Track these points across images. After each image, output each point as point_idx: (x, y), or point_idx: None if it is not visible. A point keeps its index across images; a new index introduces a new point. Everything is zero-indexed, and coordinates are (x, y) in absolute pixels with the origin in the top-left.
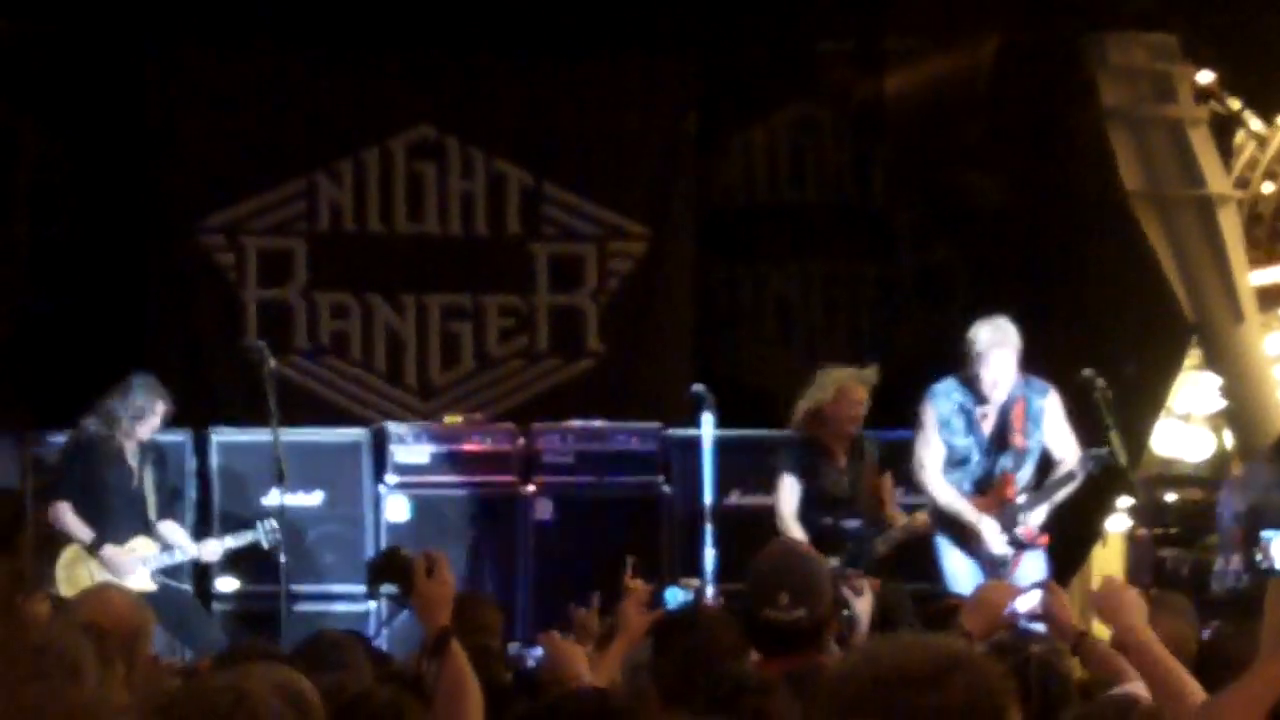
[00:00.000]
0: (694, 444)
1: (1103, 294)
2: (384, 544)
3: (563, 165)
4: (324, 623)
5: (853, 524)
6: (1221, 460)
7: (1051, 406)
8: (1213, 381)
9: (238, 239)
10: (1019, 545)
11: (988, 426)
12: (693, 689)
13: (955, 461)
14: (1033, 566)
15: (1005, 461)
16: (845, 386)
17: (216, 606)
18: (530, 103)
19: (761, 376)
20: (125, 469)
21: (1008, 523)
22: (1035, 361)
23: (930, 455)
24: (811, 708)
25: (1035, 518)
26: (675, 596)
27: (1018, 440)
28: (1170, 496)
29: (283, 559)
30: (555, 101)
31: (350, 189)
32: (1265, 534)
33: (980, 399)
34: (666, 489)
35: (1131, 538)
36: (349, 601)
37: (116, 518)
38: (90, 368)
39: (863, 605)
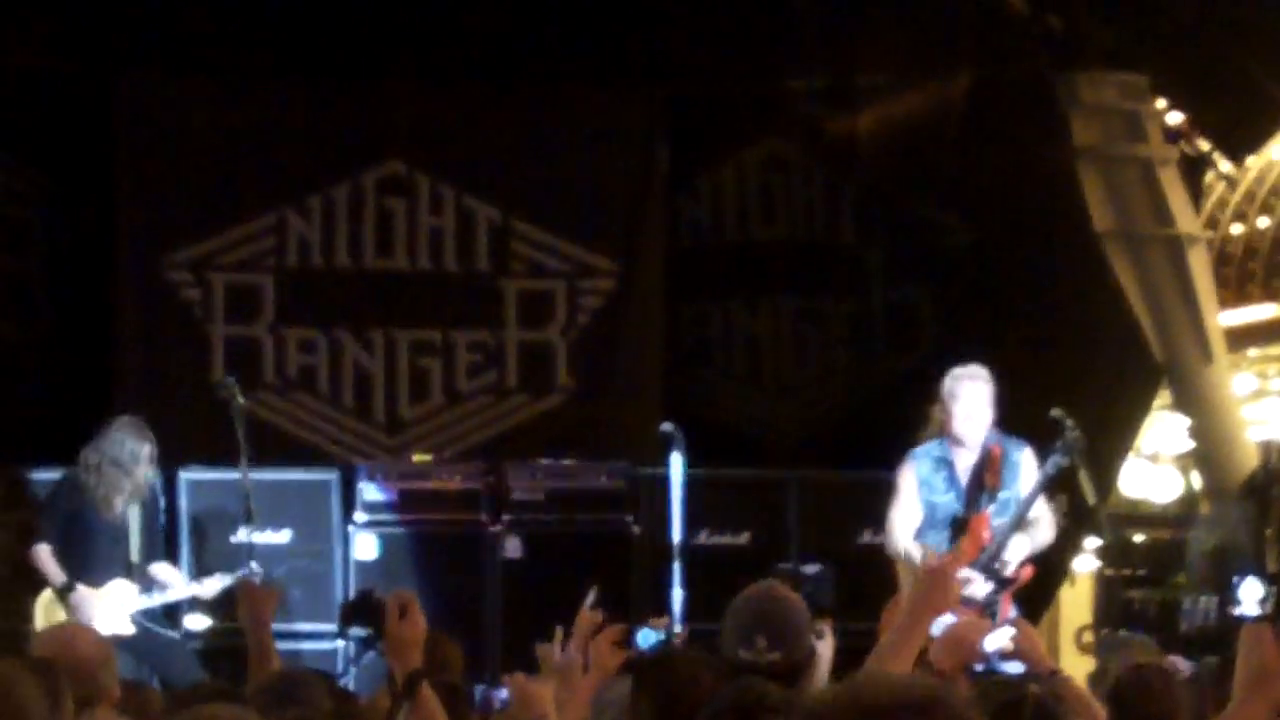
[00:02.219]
0: (663, 482)
1: (1072, 333)
2: (353, 582)
3: (532, 201)
4: (292, 661)
5: (811, 568)
6: (1189, 500)
7: (1027, 461)
8: (1180, 422)
9: (205, 274)
10: (1002, 584)
11: (966, 479)
12: None
13: (938, 522)
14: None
15: (982, 507)
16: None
17: (186, 645)
18: (500, 139)
19: (731, 414)
20: (107, 512)
21: (987, 564)
22: (1004, 401)
23: (901, 518)
24: None
25: (1014, 551)
26: (647, 638)
27: (990, 480)
28: (1138, 536)
29: None
30: (525, 138)
31: (319, 224)
32: (1237, 580)
33: (956, 442)
34: (636, 527)
35: (1099, 577)
36: (317, 640)
37: (96, 561)
38: (57, 402)
39: (824, 648)
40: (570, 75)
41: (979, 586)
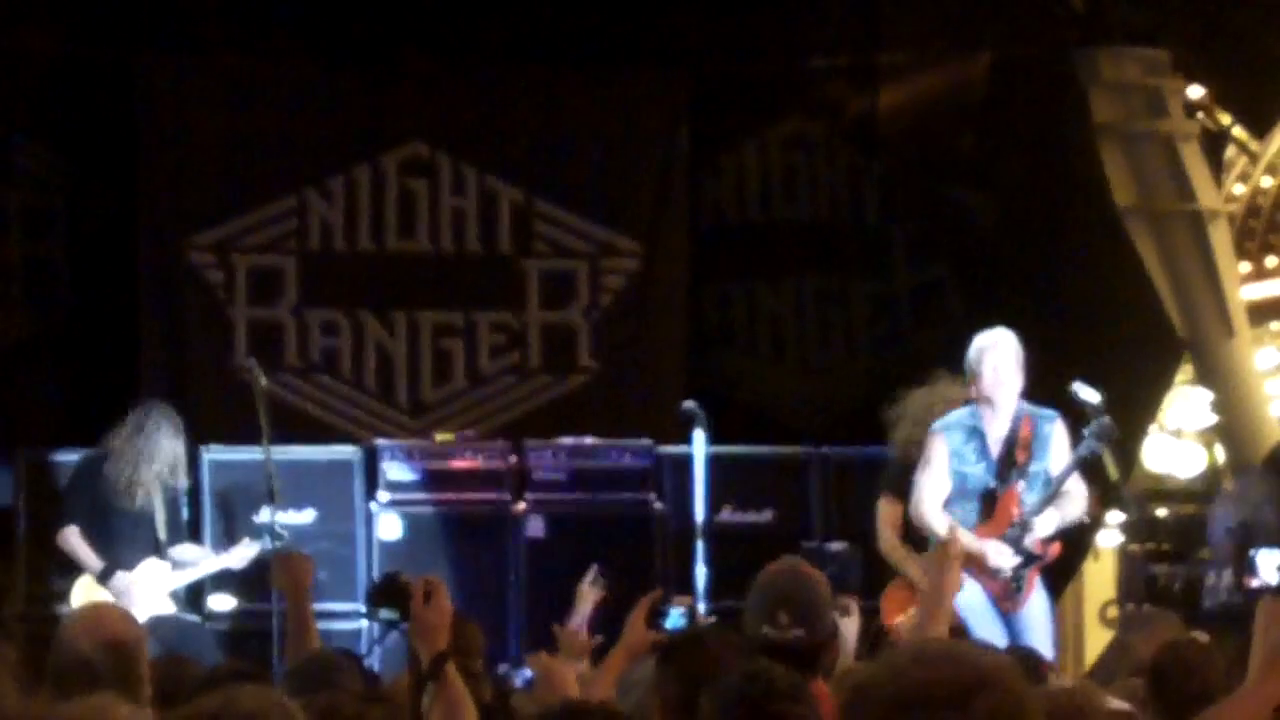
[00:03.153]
0: (686, 461)
1: (1095, 308)
2: (376, 562)
3: (555, 182)
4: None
5: (837, 546)
6: (1213, 475)
7: (1058, 434)
8: (1204, 396)
9: (228, 257)
10: (1029, 559)
11: (997, 450)
12: (695, 708)
13: (968, 492)
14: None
15: (1012, 482)
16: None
17: (211, 625)
18: (522, 119)
19: (754, 393)
20: (132, 495)
21: (1014, 539)
22: (1027, 375)
23: (931, 489)
24: None
25: (1043, 526)
26: (677, 621)
27: (1020, 456)
28: (1162, 512)
29: None
30: (548, 118)
31: (341, 206)
32: (1254, 552)
33: (988, 406)
34: (659, 506)
35: (1123, 553)
36: (341, 620)
37: (123, 542)
38: (81, 386)
39: (849, 626)
40: (592, 55)
41: (1006, 560)
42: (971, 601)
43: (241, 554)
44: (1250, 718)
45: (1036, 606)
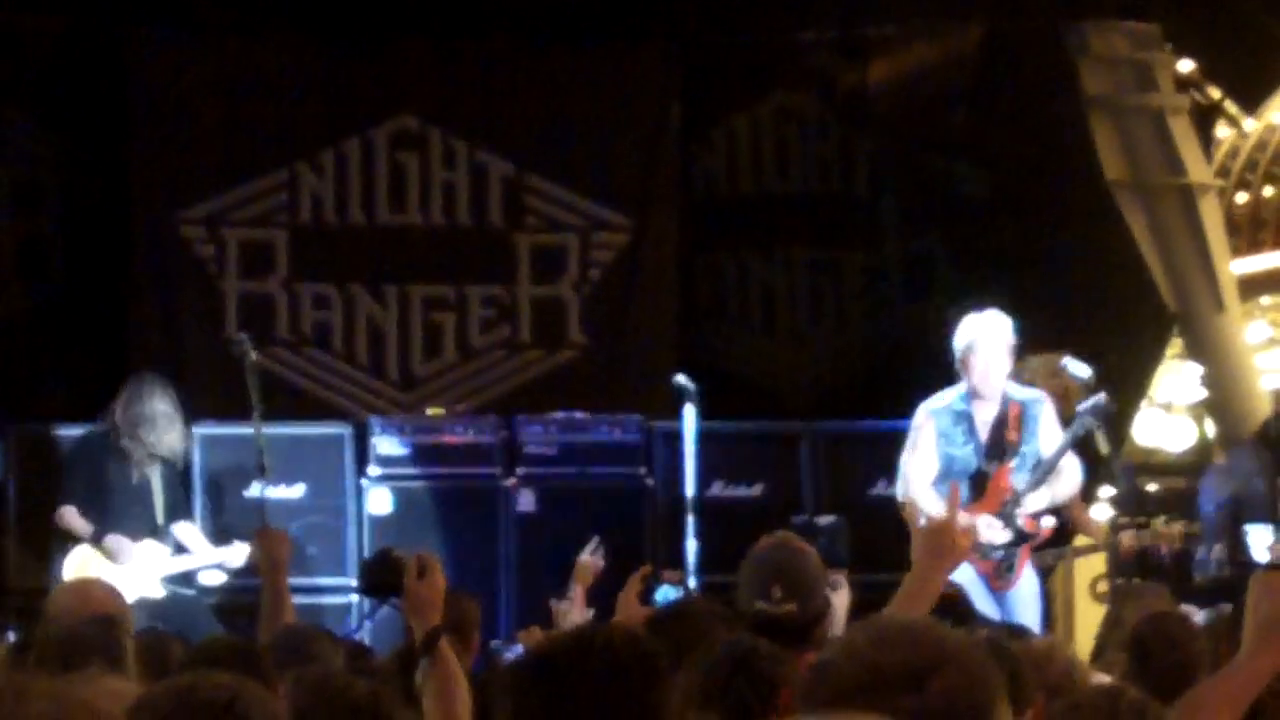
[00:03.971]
0: (677, 435)
1: (1085, 282)
2: (366, 537)
3: (545, 155)
4: (306, 616)
5: (826, 520)
6: (1203, 449)
7: (1047, 415)
8: (1194, 370)
9: (219, 230)
10: (1021, 537)
11: (985, 433)
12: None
13: (955, 474)
14: (1028, 576)
15: (1005, 461)
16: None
17: (204, 603)
18: (513, 93)
19: (745, 366)
20: (131, 472)
21: (1006, 516)
22: (1017, 350)
23: (918, 468)
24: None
25: (1035, 503)
26: (667, 595)
27: (1011, 436)
28: (1152, 486)
29: None
30: (538, 91)
31: (332, 180)
32: (1247, 528)
33: (975, 393)
34: (649, 480)
35: (1113, 526)
36: (331, 594)
37: (120, 520)
38: (73, 361)
39: (839, 600)
40: (583, 29)
41: (997, 534)
42: (963, 580)
43: (239, 554)
44: (1242, 691)
45: (1026, 586)
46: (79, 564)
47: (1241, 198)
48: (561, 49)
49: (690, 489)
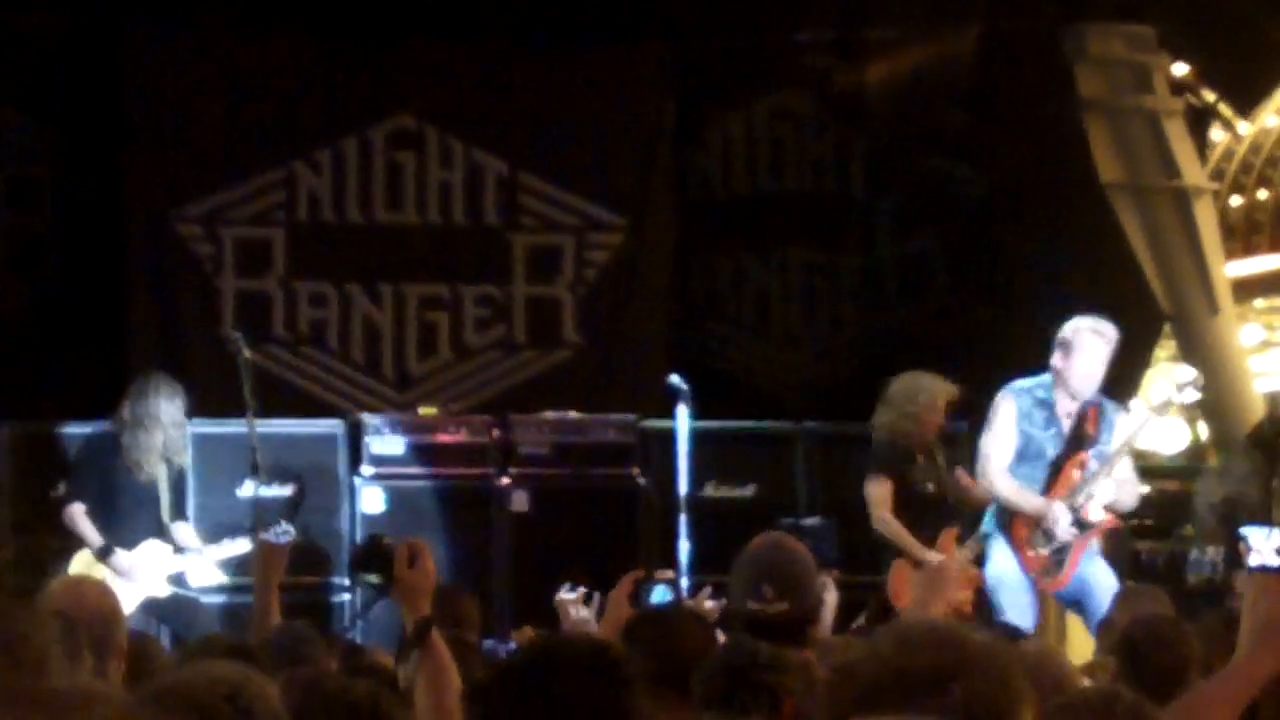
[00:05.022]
0: (670, 436)
1: (1079, 284)
2: (359, 536)
3: (541, 156)
4: (298, 615)
5: (811, 520)
6: (1196, 452)
7: (1122, 422)
8: (1188, 373)
9: (216, 228)
10: (1083, 527)
11: (1066, 424)
12: (662, 685)
13: (1030, 454)
14: (1100, 566)
15: (1083, 450)
16: (945, 392)
17: (204, 603)
18: (509, 93)
19: (739, 367)
20: (139, 473)
21: (1073, 505)
22: (1014, 350)
23: (998, 449)
24: None
25: (1102, 493)
26: (662, 596)
27: (1090, 429)
28: (1145, 488)
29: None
30: (534, 92)
31: (329, 179)
32: (1243, 531)
33: (1063, 389)
34: (643, 481)
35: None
36: (324, 593)
37: (127, 521)
38: (70, 358)
39: (828, 599)
40: (580, 29)
41: (1062, 527)
42: (1006, 576)
43: (230, 551)
44: (1239, 692)
45: (1101, 570)
46: (84, 568)
47: (1236, 201)
48: (558, 50)
49: (683, 489)
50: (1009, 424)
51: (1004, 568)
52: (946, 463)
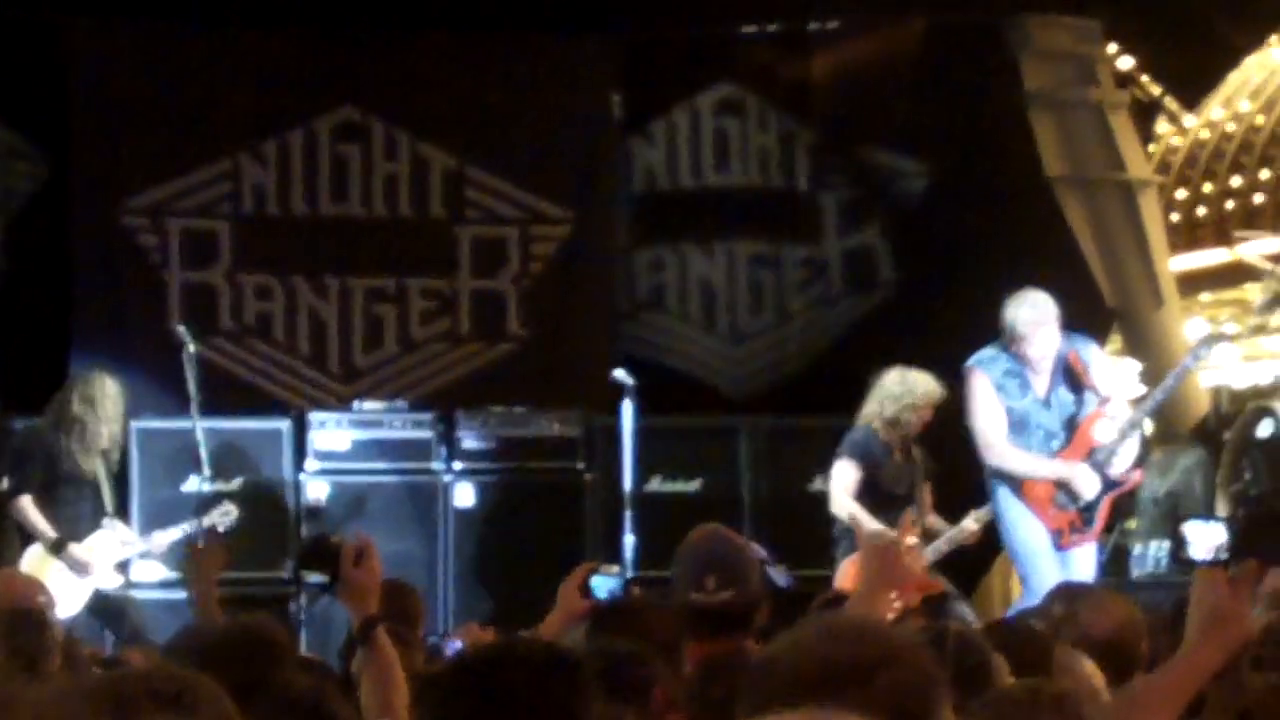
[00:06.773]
0: (615, 430)
1: (1025, 277)
2: (304, 531)
3: (486, 148)
4: (242, 610)
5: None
6: (1141, 445)
7: (1097, 356)
8: (1133, 367)
9: (161, 220)
10: (1110, 485)
11: (1041, 385)
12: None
13: (1014, 426)
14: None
15: (1074, 409)
16: (937, 393)
17: (136, 594)
18: (455, 85)
19: (685, 361)
20: (83, 464)
21: (1097, 465)
22: (960, 343)
23: (992, 424)
24: (734, 693)
25: (1127, 451)
26: (604, 585)
27: (1089, 381)
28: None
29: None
30: (480, 84)
31: (274, 171)
32: (1185, 526)
33: (1028, 366)
34: (588, 475)
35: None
36: (268, 588)
37: (74, 512)
38: (15, 351)
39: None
40: (524, 21)
41: (1091, 487)
42: (1033, 543)
43: (164, 540)
44: (1186, 684)
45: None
46: (36, 562)
47: (1181, 194)
48: (503, 41)
49: (628, 483)
50: (990, 396)
51: (1029, 535)
52: (924, 474)
